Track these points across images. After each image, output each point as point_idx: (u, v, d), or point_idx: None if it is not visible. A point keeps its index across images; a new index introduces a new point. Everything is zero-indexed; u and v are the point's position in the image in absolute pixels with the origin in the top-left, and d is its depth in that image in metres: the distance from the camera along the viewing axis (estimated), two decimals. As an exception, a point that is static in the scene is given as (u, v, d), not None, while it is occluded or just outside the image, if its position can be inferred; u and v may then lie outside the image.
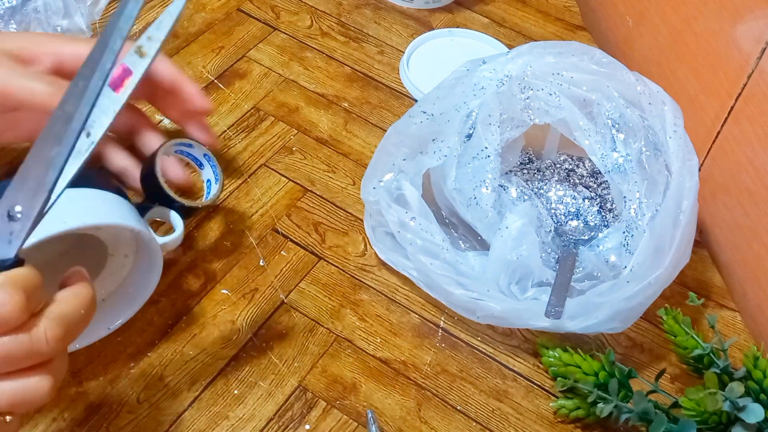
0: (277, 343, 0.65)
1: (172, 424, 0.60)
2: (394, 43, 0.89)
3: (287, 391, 0.63)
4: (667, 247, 0.63)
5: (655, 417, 0.59)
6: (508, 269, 0.65)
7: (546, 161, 0.77)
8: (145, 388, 0.62)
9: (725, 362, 0.61)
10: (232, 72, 0.84)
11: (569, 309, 0.63)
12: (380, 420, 0.62)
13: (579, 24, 0.94)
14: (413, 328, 0.68)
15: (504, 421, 0.63)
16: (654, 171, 0.67)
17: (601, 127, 0.69)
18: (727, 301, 0.72)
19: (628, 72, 0.69)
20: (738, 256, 0.71)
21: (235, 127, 0.80)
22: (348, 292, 0.69)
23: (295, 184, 0.76)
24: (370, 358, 0.65)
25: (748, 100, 0.67)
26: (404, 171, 0.69)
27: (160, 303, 0.66)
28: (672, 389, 0.66)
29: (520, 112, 0.70)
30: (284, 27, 0.89)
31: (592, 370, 0.62)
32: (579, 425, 0.63)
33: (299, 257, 0.71)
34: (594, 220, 0.73)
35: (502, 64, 0.71)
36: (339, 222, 0.74)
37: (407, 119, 0.70)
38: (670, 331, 0.63)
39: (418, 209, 0.67)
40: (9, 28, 0.82)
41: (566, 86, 0.69)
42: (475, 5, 0.94)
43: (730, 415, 0.58)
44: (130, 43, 0.52)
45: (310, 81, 0.84)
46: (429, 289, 0.67)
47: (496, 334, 0.68)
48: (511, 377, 0.66)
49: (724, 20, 0.69)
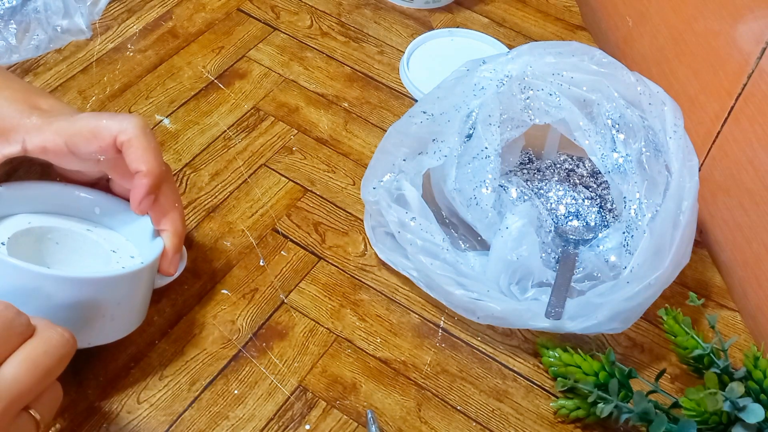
0: (277, 343, 0.65)
1: (172, 424, 0.60)
2: (394, 43, 0.89)
3: (287, 391, 0.63)
4: (667, 248, 0.63)
5: (655, 417, 0.59)
6: (508, 269, 0.65)
7: (546, 161, 0.77)
8: (145, 388, 0.62)
9: (725, 362, 0.61)
10: (232, 72, 0.84)
11: (569, 309, 0.63)
12: (380, 420, 0.62)
13: (579, 24, 0.94)
14: (413, 328, 0.68)
15: (504, 421, 0.63)
16: (654, 171, 0.67)
17: (601, 127, 0.69)
18: (727, 301, 0.72)
19: (628, 72, 0.69)
20: (738, 256, 0.71)
21: (235, 127, 0.80)
22: (348, 292, 0.69)
23: (295, 184, 0.76)
24: (370, 358, 0.65)
25: (748, 100, 0.67)
26: (404, 171, 0.68)
27: (160, 303, 0.66)
28: (672, 389, 0.66)
29: (520, 112, 0.70)
30: (284, 27, 0.89)
31: (592, 370, 0.62)
32: (579, 425, 0.63)
33: (299, 257, 0.71)
34: (594, 221, 0.73)
35: (502, 64, 0.71)
36: (339, 222, 0.74)
37: (407, 119, 0.70)
38: (671, 331, 0.63)
39: (418, 209, 0.67)
40: (9, 28, 0.82)
41: (566, 86, 0.69)
42: (475, 5, 0.94)
43: (730, 415, 0.58)
44: None
45: (310, 81, 0.84)
46: (429, 290, 0.67)
47: (496, 334, 0.68)
48: (511, 377, 0.66)
49: (724, 20, 0.69)
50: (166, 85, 0.82)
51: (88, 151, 0.59)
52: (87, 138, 0.59)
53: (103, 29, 0.86)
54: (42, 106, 0.61)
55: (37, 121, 0.59)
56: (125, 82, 0.82)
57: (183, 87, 0.82)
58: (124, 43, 0.85)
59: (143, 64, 0.83)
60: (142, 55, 0.84)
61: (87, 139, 0.59)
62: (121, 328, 0.60)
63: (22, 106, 0.60)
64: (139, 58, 0.84)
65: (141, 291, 0.60)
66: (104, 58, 0.83)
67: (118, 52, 0.84)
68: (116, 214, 0.64)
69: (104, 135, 0.59)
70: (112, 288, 0.57)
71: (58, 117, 0.60)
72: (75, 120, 0.59)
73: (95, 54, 0.83)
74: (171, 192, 0.62)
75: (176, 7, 0.89)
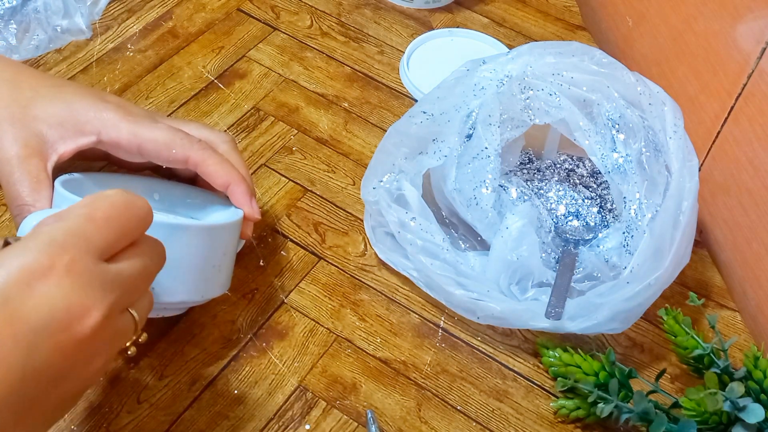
0: (277, 343, 0.65)
1: (172, 424, 0.60)
2: (394, 43, 0.89)
3: (287, 391, 0.63)
4: (667, 248, 0.63)
5: (655, 417, 0.59)
6: (508, 270, 0.65)
7: (546, 161, 0.77)
8: (145, 388, 0.62)
9: (725, 362, 0.61)
10: (232, 72, 0.84)
11: (569, 310, 0.63)
12: (380, 420, 0.62)
13: (579, 24, 0.94)
14: (413, 328, 0.68)
15: (504, 421, 0.63)
16: (654, 171, 0.67)
17: (601, 127, 0.69)
18: (727, 301, 0.72)
19: (628, 72, 0.69)
20: (738, 256, 0.71)
21: (235, 127, 0.80)
22: (348, 292, 0.69)
23: (295, 184, 0.76)
24: (370, 358, 0.65)
25: (748, 100, 0.67)
26: (404, 171, 0.69)
27: (160, 303, 0.66)
28: (672, 389, 0.66)
29: (520, 112, 0.70)
30: (284, 27, 0.89)
31: (592, 370, 0.62)
32: (579, 425, 0.63)
33: (299, 257, 0.71)
34: (594, 221, 0.73)
35: (502, 64, 0.71)
36: (339, 222, 0.74)
37: (407, 119, 0.70)
38: (671, 331, 0.63)
39: (418, 209, 0.67)
40: (9, 28, 0.82)
41: (566, 86, 0.69)
42: (475, 5, 0.94)
43: (730, 415, 0.58)
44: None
45: (310, 81, 0.84)
46: (429, 290, 0.67)
47: (496, 334, 0.68)
48: (511, 377, 0.66)
49: (724, 20, 0.69)
50: (166, 85, 0.82)
51: (158, 159, 0.62)
52: (161, 149, 0.61)
53: (103, 29, 0.86)
54: (110, 99, 0.62)
55: (112, 116, 0.60)
56: (125, 82, 0.82)
57: (183, 87, 0.82)
58: (124, 43, 0.85)
59: (143, 64, 0.83)
60: (142, 55, 0.84)
61: (160, 150, 0.61)
62: (225, 281, 0.63)
63: (92, 99, 0.61)
64: (139, 58, 0.84)
65: (236, 243, 0.63)
66: (104, 58, 0.83)
67: (118, 52, 0.84)
68: (174, 198, 0.66)
69: (178, 152, 0.61)
70: (223, 236, 0.61)
71: (137, 118, 0.61)
72: (154, 128, 0.61)
73: (95, 54, 0.83)
74: (235, 160, 0.65)
75: (176, 7, 0.89)
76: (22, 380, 0.40)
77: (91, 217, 0.44)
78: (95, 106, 0.61)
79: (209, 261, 0.60)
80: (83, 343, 0.43)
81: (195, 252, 0.58)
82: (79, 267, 0.43)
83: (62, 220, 0.44)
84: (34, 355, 0.41)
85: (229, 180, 0.62)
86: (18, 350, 0.40)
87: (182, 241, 0.54)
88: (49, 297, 0.41)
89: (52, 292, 0.42)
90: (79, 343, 0.43)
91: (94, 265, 0.44)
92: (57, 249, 0.42)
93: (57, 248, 0.42)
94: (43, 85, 0.61)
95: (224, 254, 0.61)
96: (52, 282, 0.42)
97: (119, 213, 0.46)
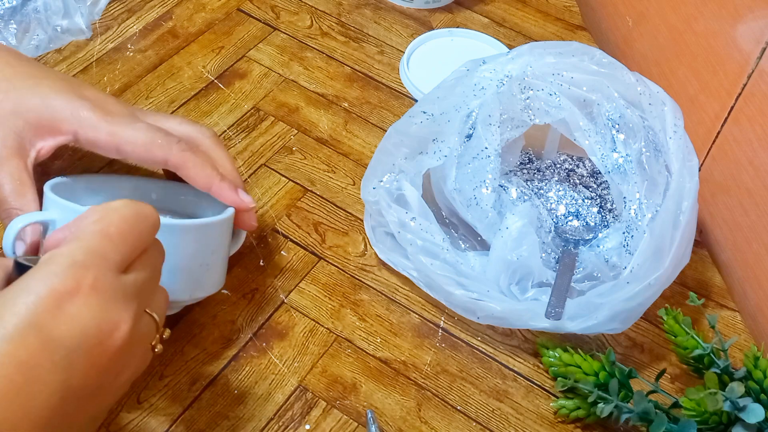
0: (277, 343, 0.65)
1: (172, 424, 0.60)
2: (394, 43, 0.89)
3: (287, 391, 0.63)
4: (667, 248, 0.63)
5: (655, 417, 0.59)
6: (508, 270, 0.65)
7: (546, 161, 0.77)
8: (145, 388, 0.62)
9: (725, 362, 0.61)
10: (232, 72, 0.84)
11: (569, 310, 0.63)
12: (380, 420, 0.62)
13: (579, 24, 0.94)
14: (413, 328, 0.68)
15: (504, 421, 0.63)
16: (654, 171, 0.67)
17: (601, 127, 0.69)
18: (727, 301, 0.72)
19: (628, 72, 0.69)
20: (738, 256, 0.71)
21: (235, 127, 0.80)
22: (348, 292, 0.69)
23: (295, 184, 0.76)
24: (370, 358, 0.65)
25: (748, 100, 0.67)
26: (404, 171, 0.69)
27: (160, 303, 0.66)
28: (672, 389, 0.66)
29: (520, 112, 0.70)
30: (284, 27, 0.89)
31: (592, 370, 0.62)
32: (579, 425, 0.63)
33: (299, 257, 0.71)
34: (594, 221, 0.73)
35: (502, 64, 0.71)
36: (339, 222, 0.74)
37: (407, 119, 0.70)
38: (671, 331, 0.63)
39: (418, 209, 0.67)
40: (9, 28, 0.82)
41: (566, 86, 0.69)
42: (475, 5, 0.94)
43: (730, 415, 0.58)
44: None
45: (310, 81, 0.84)
46: (429, 290, 0.67)
47: (496, 334, 0.68)
48: (511, 377, 0.66)
49: (724, 20, 0.69)
50: (166, 85, 0.82)
51: (137, 160, 0.61)
52: (139, 150, 0.60)
53: (103, 29, 0.86)
54: (88, 95, 0.61)
55: (90, 115, 0.59)
56: (125, 82, 0.82)
57: (183, 87, 0.82)
58: (124, 43, 0.85)
59: (143, 64, 0.83)
60: (142, 55, 0.84)
61: (139, 152, 0.60)
62: (217, 280, 0.62)
63: (69, 95, 0.60)
64: (139, 58, 0.84)
65: (226, 241, 0.63)
66: (104, 58, 0.83)
67: (118, 52, 0.84)
68: (172, 196, 0.66)
69: (156, 153, 0.60)
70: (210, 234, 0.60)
71: (116, 117, 0.60)
72: (132, 128, 0.60)
73: (95, 54, 0.83)
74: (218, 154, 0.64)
75: (176, 7, 0.89)
76: (62, 400, 0.42)
77: (106, 233, 0.45)
78: (72, 104, 0.59)
79: (196, 259, 0.59)
80: (115, 356, 0.44)
81: (180, 251, 0.58)
82: (102, 284, 0.44)
83: (78, 239, 0.45)
84: (71, 375, 0.42)
85: (210, 182, 0.61)
86: (56, 373, 0.41)
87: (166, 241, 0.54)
88: (80, 317, 0.43)
89: (82, 312, 0.43)
90: (112, 357, 0.44)
91: (115, 280, 0.45)
92: (80, 270, 0.43)
93: (80, 269, 0.43)
94: (19, 76, 0.60)
95: (213, 253, 0.61)
96: (80, 302, 0.43)
97: (131, 227, 0.46)
